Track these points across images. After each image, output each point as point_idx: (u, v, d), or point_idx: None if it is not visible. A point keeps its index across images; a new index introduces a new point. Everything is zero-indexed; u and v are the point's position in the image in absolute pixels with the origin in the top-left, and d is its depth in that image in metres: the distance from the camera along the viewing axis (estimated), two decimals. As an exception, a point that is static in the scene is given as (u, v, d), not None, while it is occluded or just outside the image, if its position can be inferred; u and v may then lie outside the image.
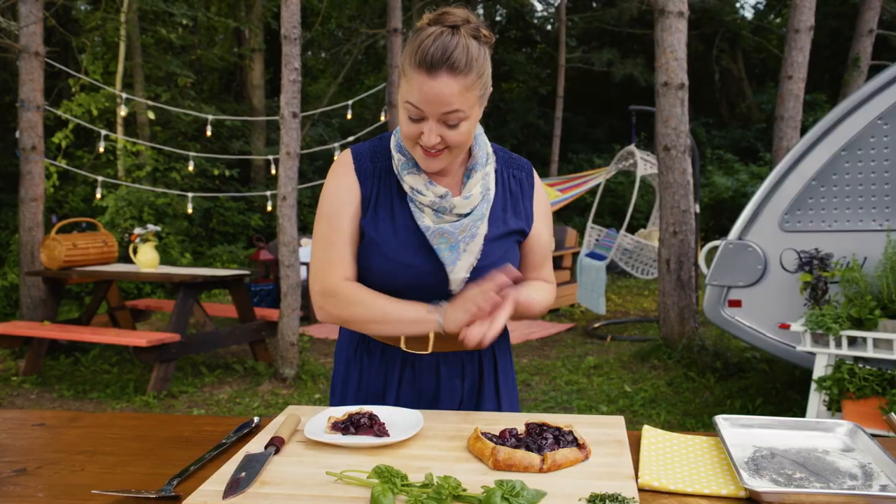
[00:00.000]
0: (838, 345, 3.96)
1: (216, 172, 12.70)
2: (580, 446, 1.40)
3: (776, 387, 5.48)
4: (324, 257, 1.73)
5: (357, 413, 1.56)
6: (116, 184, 10.61)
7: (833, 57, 18.07)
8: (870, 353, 3.89)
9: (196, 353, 6.44)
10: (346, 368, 1.90)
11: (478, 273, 1.70)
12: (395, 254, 1.70)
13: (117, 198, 10.81)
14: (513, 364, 1.97)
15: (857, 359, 3.98)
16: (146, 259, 6.43)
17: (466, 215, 1.70)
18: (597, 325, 8.63)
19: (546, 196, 1.89)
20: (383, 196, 1.74)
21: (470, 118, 1.59)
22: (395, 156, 1.73)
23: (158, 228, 6.72)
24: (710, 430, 4.57)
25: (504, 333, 1.92)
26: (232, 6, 16.40)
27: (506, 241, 1.77)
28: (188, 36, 14.90)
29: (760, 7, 22.48)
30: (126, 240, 9.53)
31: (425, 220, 1.68)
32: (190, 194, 9.13)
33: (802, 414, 4.70)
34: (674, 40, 6.33)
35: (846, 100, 4.54)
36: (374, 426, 1.51)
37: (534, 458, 1.34)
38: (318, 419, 1.58)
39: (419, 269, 1.70)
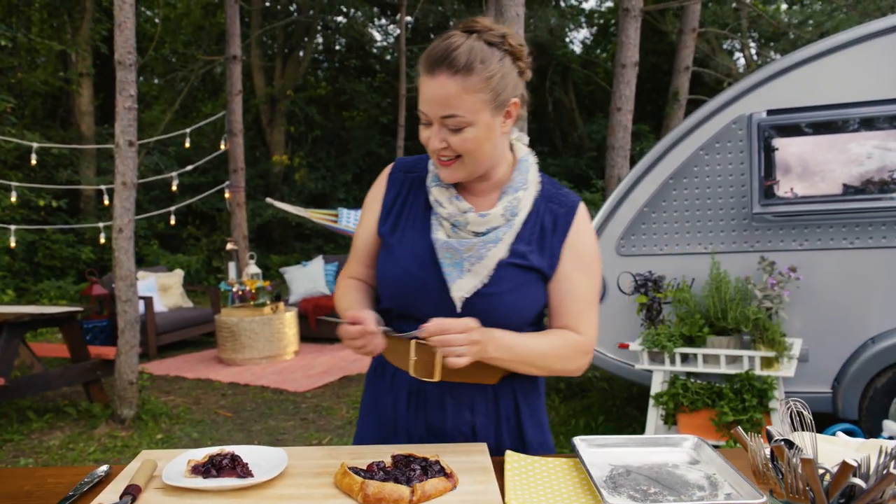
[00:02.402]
0: (672, 362, 4.22)
1: (42, 203, 11.92)
2: (448, 475, 1.41)
3: (616, 404, 5.75)
4: (349, 255, 1.88)
5: (218, 454, 1.51)
6: (-75, 216, 9.77)
7: (654, 91, 19.31)
8: (700, 368, 4.16)
9: (22, 397, 5.99)
10: (369, 389, 1.89)
11: (486, 300, 1.63)
12: (406, 262, 1.67)
13: (-74, 232, 9.95)
14: (542, 404, 1.85)
15: (689, 374, 4.24)
16: (-36, 298, 5.95)
17: (481, 235, 1.63)
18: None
19: (590, 239, 1.73)
20: (410, 206, 1.73)
21: (476, 125, 1.53)
22: (430, 168, 1.71)
23: (-23, 265, 6.23)
24: (558, 448, 4.72)
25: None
26: (56, 28, 15.54)
27: (523, 275, 1.65)
28: (7, 58, 13.97)
29: (588, 42, 23.73)
30: (-62, 278, 8.79)
31: (438, 233, 1.65)
32: (12, 227, 8.51)
33: (641, 429, 4.95)
34: (512, 73, 6.55)
35: (671, 132, 4.86)
36: (236, 467, 1.46)
37: (403, 490, 1.34)
38: (177, 463, 1.51)
39: (426, 281, 1.65)
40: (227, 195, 9.70)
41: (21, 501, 1.43)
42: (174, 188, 9.55)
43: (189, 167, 10.55)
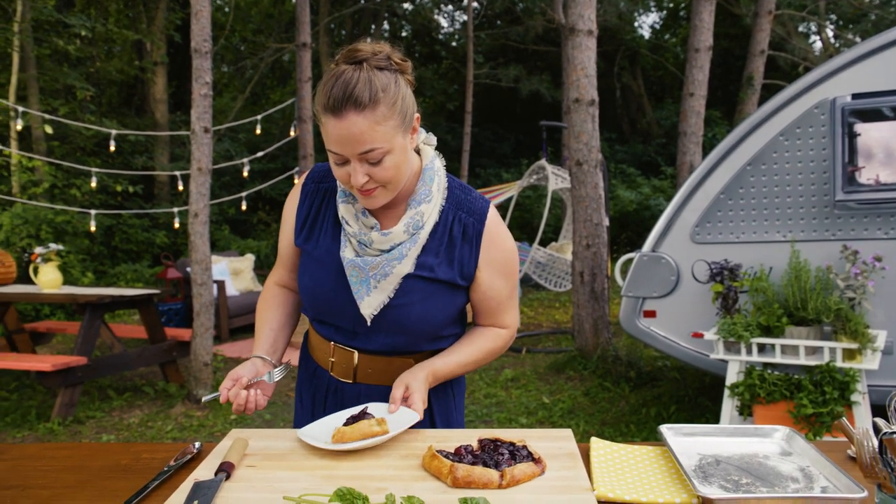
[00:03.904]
0: (749, 352, 4.12)
1: (119, 189, 12.28)
2: (536, 461, 1.41)
3: (688, 394, 5.66)
4: (276, 259, 1.95)
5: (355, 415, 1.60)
6: (11, 201, 10.12)
7: (724, 75, 18.87)
8: (778, 359, 4.05)
9: (102, 376, 6.19)
10: (298, 382, 1.97)
11: (395, 311, 1.68)
12: (318, 275, 1.73)
13: (13, 215, 10.31)
14: (461, 400, 1.93)
15: (766, 365, 4.14)
16: (48, 279, 6.15)
17: (386, 252, 1.66)
18: (511, 337, 8.66)
19: (504, 242, 1.76)
20: (322, 217, 1.77)
21: (393, 151, 1.54)
22: (339, 182, 1.70)
23: (61, 247, 6.44)
24: (629, 438, 4.65)
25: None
26: (132, 18, 15.93)
27: (430, 286, 1.69)
28: (86, 48, 14.38)
29: (657, 27, 23.31)
30: (25, 259, 9.12)
31: (346, 251, 1.68)
32: (92, 211, 8.79)
33: (715, 419, 4.86)
34: (584, 58, 6.49)
35: (749, 117, 4.74)
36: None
37: (493, 474, 1.34)
38: (323, 428, 1.60)
39: (338, 294, 1.71)
40: (296, 181, 9.84)
41: (120, 474, 1.48)
42: (245, 174, 9.72)
43: (259, 153, 10.73)
